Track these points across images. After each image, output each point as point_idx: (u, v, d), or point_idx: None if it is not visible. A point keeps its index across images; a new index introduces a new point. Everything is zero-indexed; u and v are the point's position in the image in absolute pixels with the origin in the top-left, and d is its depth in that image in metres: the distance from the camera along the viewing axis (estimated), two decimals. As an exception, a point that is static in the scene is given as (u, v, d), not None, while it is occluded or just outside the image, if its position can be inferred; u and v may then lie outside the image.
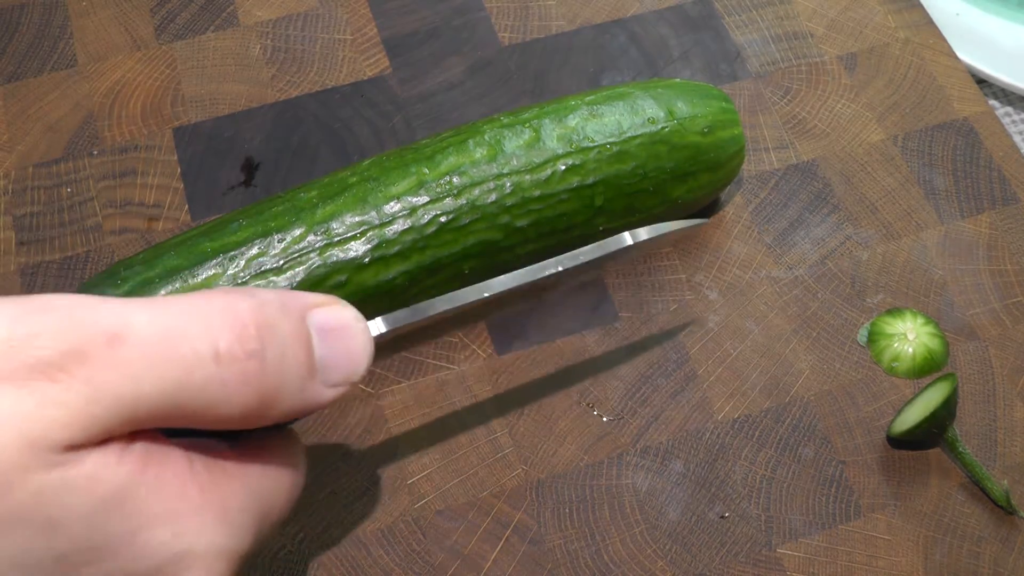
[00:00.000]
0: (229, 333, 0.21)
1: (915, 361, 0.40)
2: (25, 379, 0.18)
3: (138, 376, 0.19)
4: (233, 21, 0.48)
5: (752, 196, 0.44)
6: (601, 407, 0.39)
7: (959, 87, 0.47)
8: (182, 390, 0.20)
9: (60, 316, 0.19)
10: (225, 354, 0.21)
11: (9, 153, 0.44)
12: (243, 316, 0.21)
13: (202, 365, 0.20)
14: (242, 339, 0.21)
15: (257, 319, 0.22)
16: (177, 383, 0.20)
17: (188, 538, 0.21)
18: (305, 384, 0.22)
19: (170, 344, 0.20)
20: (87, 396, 0.19)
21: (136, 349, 0.20)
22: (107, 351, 0.19)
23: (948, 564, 0.36)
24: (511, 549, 0.36)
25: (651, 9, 0.49)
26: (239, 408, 0.21)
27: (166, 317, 0.21)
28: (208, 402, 0.21)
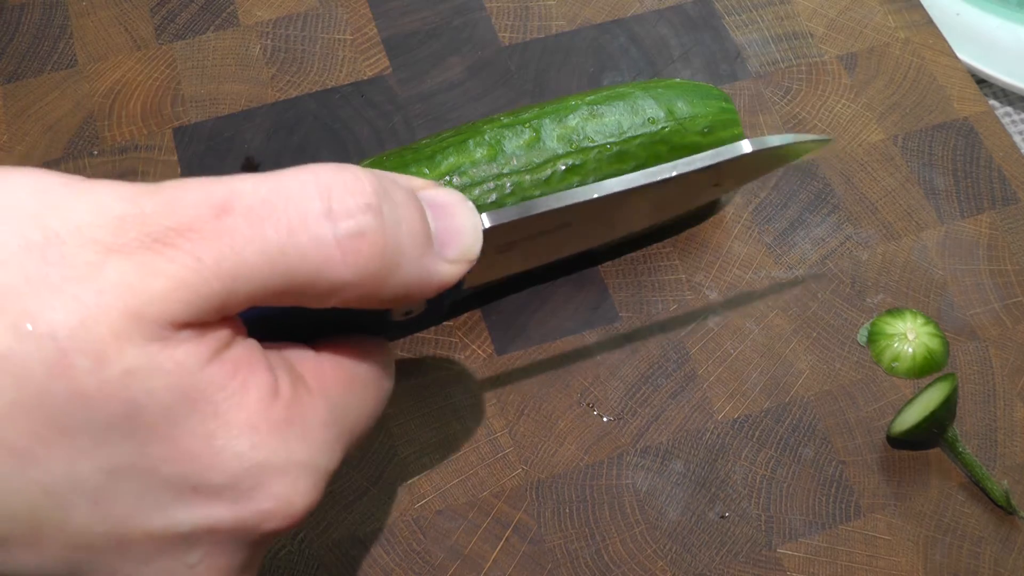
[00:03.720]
0: (342, 188, 0.20)
1: (915, 361, 0.40)
2: (133, 250, 0.18)
3: (242, 243, 0.19)
4: (233, 21, 0.48)
5: (752, 196, 0.44)
6: (601, 407, 0.39)
7: (959, 87, 0.47)
8: (287, 252, 0.19)
9: (169, 194, 0.19)
10: (338, 208, 0.20)
11: (9, 153, 0.44)
12: (356, 172, 0.20)
13: (310, 223, 0.19)
14: (355, 193, 0.20)
15: (371, 177, 0.21)
16: (283, 242, 0.19)
17: (266, 452, 0.20)
18: (424, 252, 0.22)
19: (275, 205, 0.19)
20: (191, 267, 0.18)
21: (242, 215, 0.19)
22: (213, 222, 0.19)
23: (948, 564, 0.36)
24: (511, 549, 0.36)
25: (651, 9, 0.49)
26: (356, 271, 0.20)
27: (274, 181, 0.20)
28: (320, 265, 0.20)
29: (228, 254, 0.19)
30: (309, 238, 0.20)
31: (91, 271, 0.18)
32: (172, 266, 0.18)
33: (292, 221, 0.20)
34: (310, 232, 0.20)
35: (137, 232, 0.19)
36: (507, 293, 0.41)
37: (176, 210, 0.19)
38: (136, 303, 0.18)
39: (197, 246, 0.19)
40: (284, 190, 0.20)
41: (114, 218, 0.19)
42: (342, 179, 0.20)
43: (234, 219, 0.19)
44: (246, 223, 0.19)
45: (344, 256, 0.20)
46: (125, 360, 0.18)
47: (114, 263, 0.18)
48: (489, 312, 0.41)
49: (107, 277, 0.18)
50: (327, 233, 0.20)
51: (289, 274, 0.20)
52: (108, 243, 0.18)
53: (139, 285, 0.18)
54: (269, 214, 0.19)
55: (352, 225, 0.20)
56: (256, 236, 0.19)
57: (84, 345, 0.18)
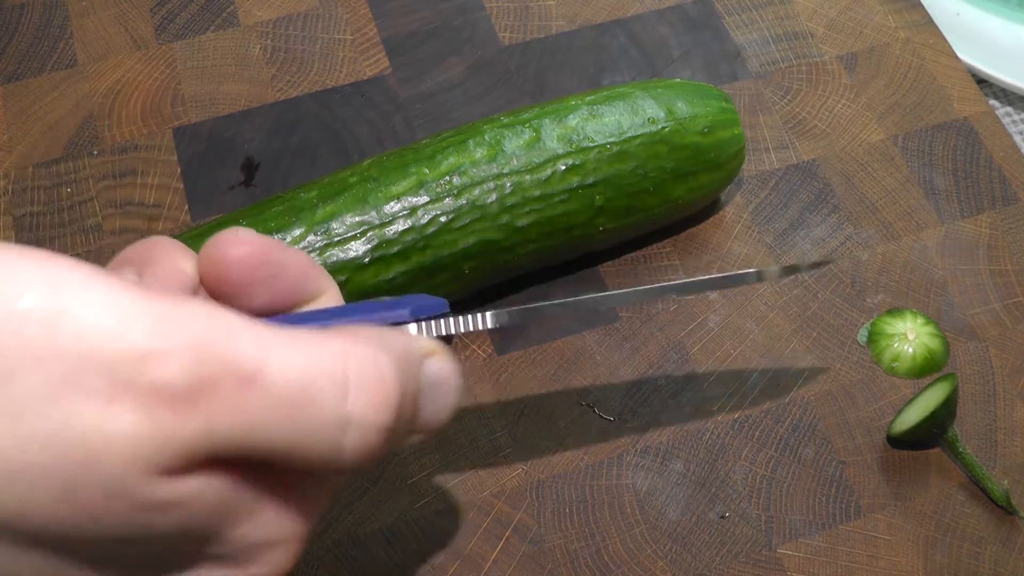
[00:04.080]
0: (366, 402, 0.20)
1: (915, 361, 0.40)
2: (147, 399, 0.18)
3: (256, 425, 0.19)
4: (233, 21, 0.48)
5: (752, 196, 0.44)
6: (601, 407, 0.39)
7: (959, 87, 0.47)
8: (295, 443, 0.19)
9: (199, 339, 0.18)
10: (357, 423, 0.20)
11: (9, 153, 0.44)
12: (387, 384, 0.20)
13: (326, 428, 0.19)
14: (379, 411, 0.20)
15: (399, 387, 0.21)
16: (292, 442, 0.19)
17: (274, 534, 0.21)
18: (406, 437, 0.22)
19: (299, 398, 0.19)
20: (202, 433, 0.18)
21: (263, 397, 0.19)
22: (235, 393, 0.18)
23: (948, 564, 0.36)
24: (511, 549, 0.36)
25: (651, 9, 0.49)
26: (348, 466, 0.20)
27: (305, 364, 0.19)
28: (321, 460, 0.20)
29: (237, 428, 0.19)
30: (321, 443, 0.20)
31: (101, 410, 0.18)
32: (183, 429, 0.18)
33: (311, 420, 0.19)
34: (324, 437, 0.20)
35: (155, 377, 0.18)
36: (507, 293, 0.41)
37: (201, 365, 0.18)
38: (143, 454, 0.18)
39: (212, 414, 0.18)
40: (312, 383, 0.19)
41: (132, 350, 0.18)
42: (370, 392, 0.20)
43: (255, 397, 0.19)
44: (264, 406, 0.19)
45: (345, 459, 0.20)
46: (134, 497, 0.18)
47: (125, 409, 0.18)
48: (489, 312, 0.41)
49: (116, 424, 0.18)
50: (338, 442, 0.20)
51: (288, 456, 0.20)
52: (123, 381, 0.18)
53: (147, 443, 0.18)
54: (291, 405, 0.19)
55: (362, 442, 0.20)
56: (271, 422, 0.19)
57: (92, 480, 0.18)
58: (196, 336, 0.18)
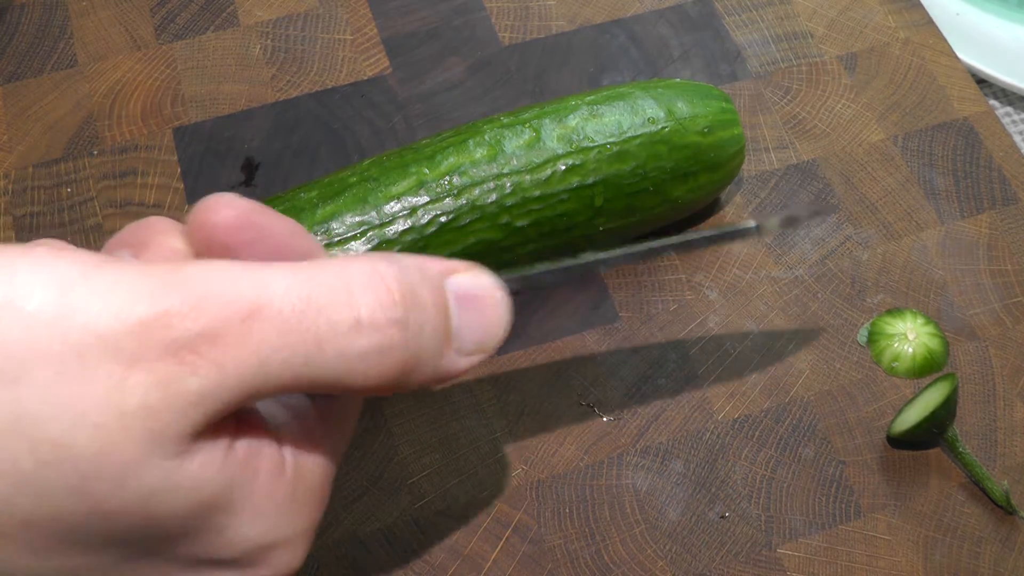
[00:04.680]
0: (373, 300, 0.20)
1: (915, 361, 0.40)
2: (156, 361, 0.18)
3: (267, 352, 0.19)
4: (233, 21, 0.48)
5: (752, 196, 0.44)
6: (601, 407, 0.39)
7: (959, 87, 0.47)
8: (311, 363, 0.19)
9: (197, 291, 0.19)
10: (367, 323, 0.20)
11: (9, 153, 0.44)
12: (387, 281, 0.20)
13: (338, 337, 0.19)
14: (385, 306, 0.20)
15: (401, 285, 0.21)
16: (309, 354, 0.19)
17: (274, 533, 0.21)
18: (442, 353, 0.22)
19: (305, 314, 0.19)
20: (213, 379, 0.18)
21: (270, 324, 0.19)
22: (241, 328, 0.19)
23: (948, 564, 0.36)
24: (511, 549, 0.36)
25: (651, 9, 0.49)
26: (376, 379, 0.20)
27: (305, 284, 0.20)
28: (342, 375, 0.20)
29: (253, 363, 0.19)
30: (335, 352, 0.20)
31: (112, 392, 0.18)
32: (195, 379, 0.18)
33: (321, 333, 0.19)
34: (337, 346, 0.20)
35: (161, 338, 0.18)
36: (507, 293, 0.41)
37: (202, 312, 0.18)
38: (157, 424, 0.18)
39: (221, 354, 0.18)
40: (315, 299, 0.19)
41: (137, 322, 0.18)
42: (374, 290, 0.20)
43: (262, 325, 0.19)
44: (274, 332, 0.19)
45: (367, 369, 0.20)
46: (144, 482, 0.18)
47: (136, 380, 0.18)
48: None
49: (129, 399, 0.18)
50: (352, 348, 0.20)
51: (310, 379, 0.20)
52: (130, 353, 0.18)
53: (161, 407, 0.18)
54: (298, 324, 0.19)
55: (378, 340, 0.20)
56: (282, 346, 0.19)
57: (105, 471, 0.18)
58: (194, 290, 0.19)
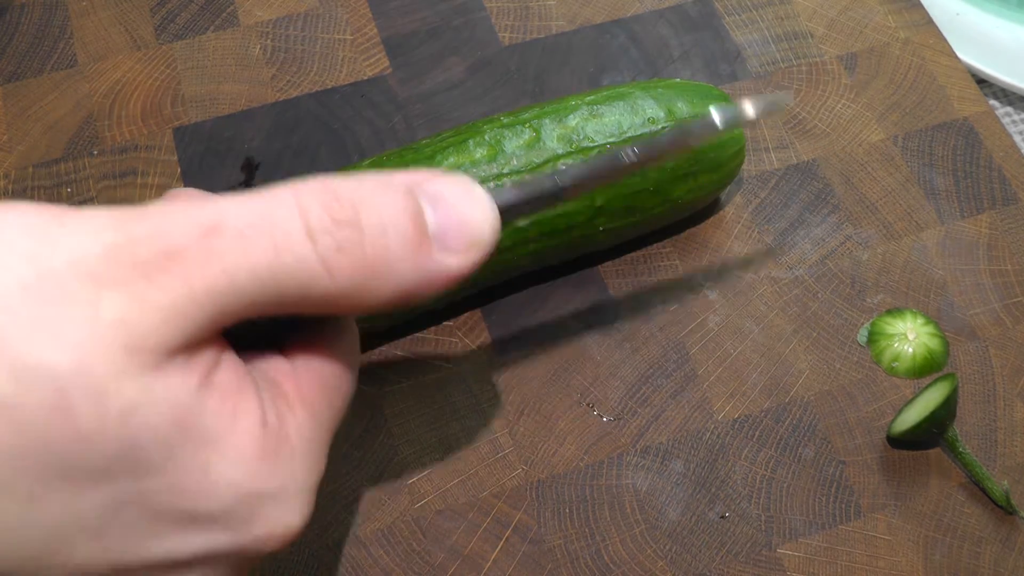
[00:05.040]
0: (320, 206, 0.20)
1: (915, 361, 0.40)
2: (126, 280, 0.19)
3: (232, 265, 0.19)
4: (233, 21, 0.48)
5: (752, 196, 0.44)
6: (601, 407, 0.39)
7: (959, 87, 0.47)
8: (275, 272, 0.20)
9: (158, 219, 0.20)
10: (316, 226, 0.20)
11: (9, 153, 0.44)
12: (335, 190, 0.21)
13: (293, 243, 0.20)
14: (333, 210, 0.21)
15: (351, 192, 0.21)
16: (270, 263, 0.20)
17: (260, 481, 0.21)
18: (417, 252, 0.22)
19: (262, 225, 0.20)
20: (183, 294, 0.19)
21: (229, 237, 0.20)
22: (202, 244, 0.19)
23: (948, 564, 0.36)
24: (511, 549, 0.36)
25: (651, 9, 0.49)
26: (342, 283, 0.20)
27: (259, 203, 0.20)
28: (306, 280, 0.20)
29: (219, 275, 0.19)
30: (294, 258, 0.20)
31: (86, 308, 0.18)
32: (164, 294, 0.19)
33: (277, 242, 0.20)
34: (294, 252, 0.20)
35: (129, 260, 0.19)
36: (507, 293, 0.41)
37: (165, 234, 0.19)
38: (132, 338, 0.19)
39: (188, 270, 0.19)
40: (268, 212, 0.20)
41: (105, 248, 0.19)
42: (320, 197, 0.21)
43: (222, 241, 0.20)
44: (234, 245, 0.20)
45: (329, 271, 0.20)
46: (123, 397, 0.19)
47: (109, 297, 0.19)
48: (489, 312, 0.41)
49: (103, 315, 0.18)
50: (308, 251, 0.20)
51: (278, 291, 0.20)
52: (101, 275, 0.19)
53: (134, 319, 0.19)
54: (255, 236, 0.20)
55: (330, 241, 0.20)
56: (244, 257, 0.20)
57: (83, 386, 0.18)
58: (156, 219, 0.20)
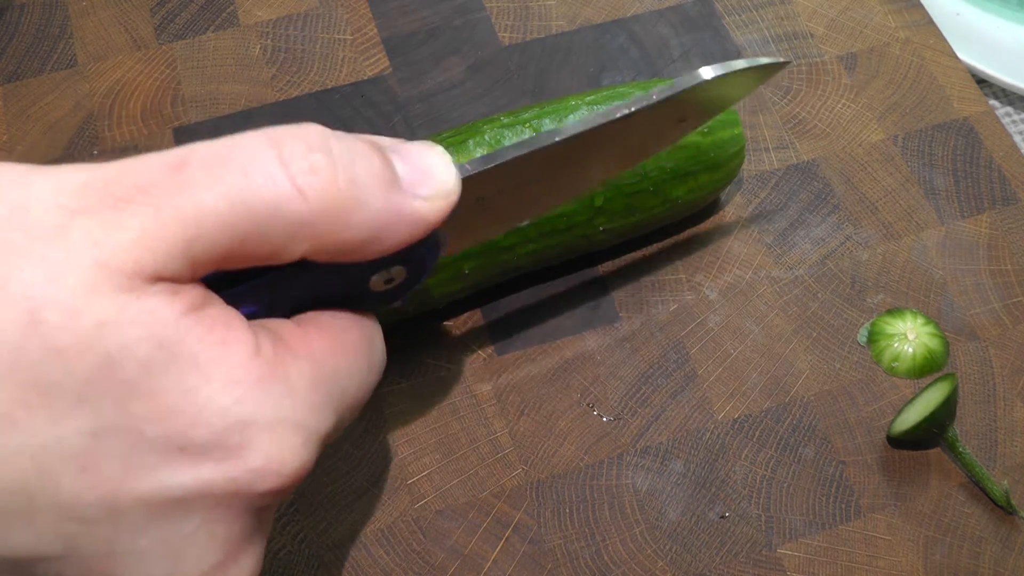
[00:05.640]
0: (291, 138, 0.21)
1: (915, 361, 0.40)
2: (96, 210, 0.19)
3: (200, 189, 0.20)
4: (233, 21, 0.48)
5: (752, 196, 0.44)
6: (601, 407, 0.39)
7: (959, 87, 0.47)
8: (245, 194, 0.20)
9: (127, 161, 0.20)
10: (287, 155, 0.21)
11: (9, 153, 0.44)
12: (306, 127, 0.22)
13: (264, 165, 0.20)
14: (305, 138, 0.21)
15: (322, 131, 0.22)
16: (240, 189, 0.20)
17: (251, 407, 0.20)
18: (389, 188, 0.22)
19: (229, 155, 0.20)
20: (154, 218, 0.19)
21: (198, 168, 0.20)
22: (171, 176, 0.20)
23: (948, 564, 0.36)
24: (511, 549, 0.36)
25: (651, 9, 0.49)
26: (314, 205, 0.21)
27: (229, 139, 0.21)
28: (278, 202, 0.20)
29: (187, 200, 0.20)
30: (264, 179, 0.20)
31: (57, 232, 0.19)
32: (135, 219, 0.19)
33: (247, 166, 0.20)
34: (264, 173, 0.20)
35: (99, 194, 0.19)
36: (507, 293, 0.41)
37: (135, 171, 0.20)
38: (103, 255, 0.19)
39: (157, 198, 0.19)
40: (237, 144, 0.21)
41: (77, 186, 0.19)
42: (290, 130, 0.21)
43: (191, 171, 0.20)
44: (203, 172, 0.20)
45: (301, 192, 0.21)
46: (96, 311, 0.18)
47: (79, 223, 0.19)
48: (489, 312, 0.41)
49: (73, 236, 0.19)
50: (280, 173, 0.20)
51: (250, 215, 0.20)
52: (72, 206, 0.19)
53: (105, 238, 0.19)
54: (224, 163, 0.20)
55: (304, 164, 0.21)
56: (213, 181, 0.20)
57: (55, 300, 0.18)
58: (128, 161, 0.20)
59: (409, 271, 0.25)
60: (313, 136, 0.21)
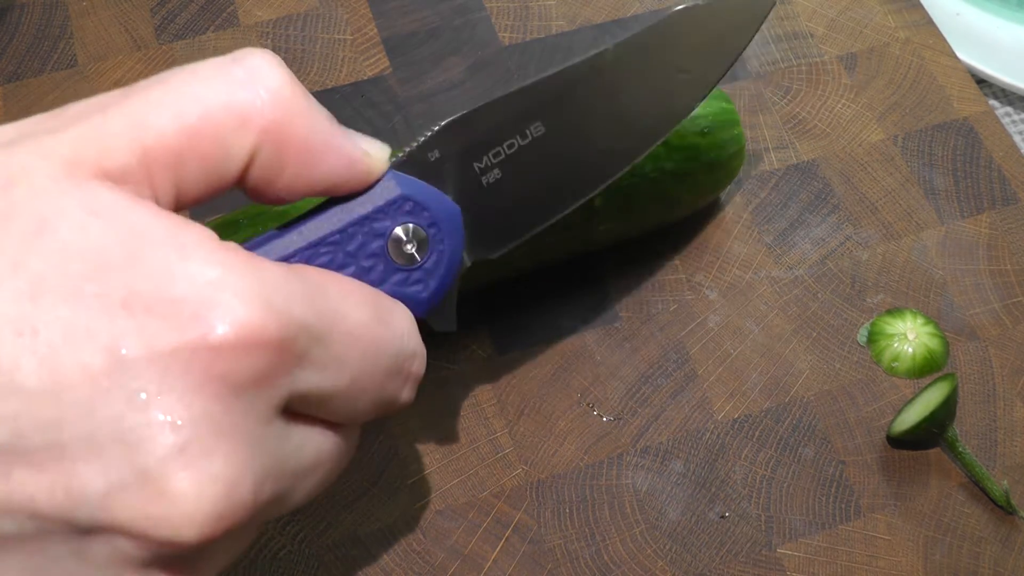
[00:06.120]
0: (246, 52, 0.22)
1: (915, 361, 0.40)
2: (38, 136, 0.20)
3: (149, 93, 0.21)
4: (233, 21, 0.48)
5: (752, 196, 0.44)
6: (601, 407, 0.39)
7: (959, 87, 0.47)
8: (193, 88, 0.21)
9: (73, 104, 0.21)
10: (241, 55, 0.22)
11: (9, 153, 0.44)
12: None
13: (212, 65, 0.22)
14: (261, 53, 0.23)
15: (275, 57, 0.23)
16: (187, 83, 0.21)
17: (218, 265, 0.19)
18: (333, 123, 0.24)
19: (178, 71, 0.22)
20: (97, 120, 0.20)
21: (143, 85, 0.21)
22: (119, 96, 0.21)
23: (948, 564, 0.36)
24: (511, 549, 0.36)
25: (651, 9, 0.49)
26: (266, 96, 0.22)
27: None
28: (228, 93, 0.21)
29: (136, 102, 0.21)
30: (213, 71, 0.22)
31: (26, 140, 0.20)
32: (86, 122, 0.20)
33: (195, 69, 0.22)
34: (213, 68, 0.22)
35: (37, 126, 0.20)
36: (507, 293, 0.41)
37: (83, 101, 0.21)
38: (70, 155, 0.20)
39: (104, 111, 0.20)
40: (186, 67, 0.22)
41: (13, 126, 0.21)
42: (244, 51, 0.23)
43: (137, 88, 0.21)
44: (151, 84, 0.21)
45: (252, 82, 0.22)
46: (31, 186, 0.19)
47: (45, 136, 0.20)
48: (489, 312, 0.41)
49: (42, 142, 0.20)
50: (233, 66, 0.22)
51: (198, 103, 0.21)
52: (35, 130, 0.20)
53: (68, 144, 0.20)
54: (172, 74, 0.22)
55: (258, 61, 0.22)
56: (162, 87, 0.21)
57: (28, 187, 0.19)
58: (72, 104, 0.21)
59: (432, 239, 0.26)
60: (268, 54, 0.23)
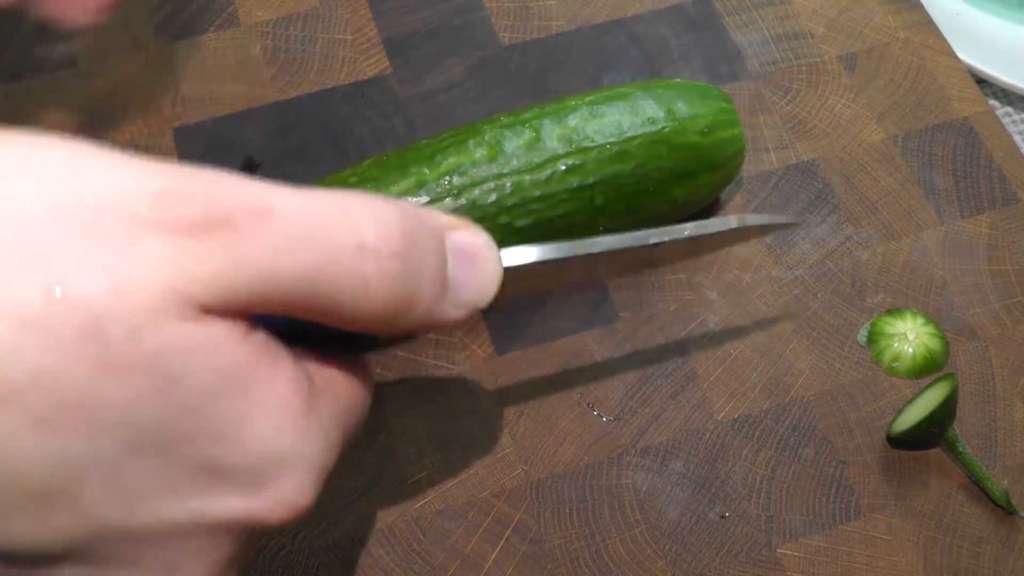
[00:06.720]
0: (375, 230, 0.21)
1: (915, 361, 0.40)
2: (168, 231, 0.18)
3: (280, 252, 0.19)
4: (233, 21, 0.48)
5: (752, 196, 0.44)
6: (601, 407, 0.39)
7: (959, 87, 0.47)
8: (321, 275, 0.20)
9: (210, 183, 0.19)
10: (370, 248, 0.20)
11: (9, 153, 0.44)
12: (388, 218, 0.21)
13: (344, 254, 0.20)
14: (387, 238, 0.21)
15: (402, 224, 0.21)
16: (317, 267, 0.20)
17: (288, 441, 0.20)
18: (437, 298, 0.22)
19: (315, 227, 0.20)
20: (229, 260, 0.19)
21: (281, 226, 0.19)
22: (253, 222, 0.19)
23: (948, 564, 0.36)
24: (511, 549, 0.36)
25: (651, 9, 0.49)
26: (375, 307, 0.21)
27: (313, 203, 0.20)
28: (344, 293, 0.20)
29: (265, 259, 0.19)
30: (341, 270, 0.20)
31: (126, 244, 0.18)
32: (210, 255, 0.18)
33: (328, 249, 0.20)
34: (342, 264, 0.20)
35: (175, 212, 0.18)
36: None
37: (217, 199, 0.19)
38: (174, 282, 0.18)
39: (235, 242, 0.19)
40: (322, 218, 0.20)
41: (152, 193, 0.18)
42: (376, 223, 0.21)
43: (274, 226, 0.19)
44: (285, 235, 0.19)
45: (367, 294, 0.20)
46: (161, 335, 0.18)
47: (151, 239, 0.18)
48: (489, 312, 0.41)
49: (144, 252, 0.18)
50: (356, 269, 0.20)
51: (314, 294, 0.20)
52: (145, 218, 0.18)
53: (178, 264, 0.18)
54: (306, 236, 0.20)
55: (377, 267, 0.20)
56: (292, 251, 0.19)
57: (119, 315, 0.18)
58: (208, 181, 0.19)
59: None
60: (395, 236, 0.21)
